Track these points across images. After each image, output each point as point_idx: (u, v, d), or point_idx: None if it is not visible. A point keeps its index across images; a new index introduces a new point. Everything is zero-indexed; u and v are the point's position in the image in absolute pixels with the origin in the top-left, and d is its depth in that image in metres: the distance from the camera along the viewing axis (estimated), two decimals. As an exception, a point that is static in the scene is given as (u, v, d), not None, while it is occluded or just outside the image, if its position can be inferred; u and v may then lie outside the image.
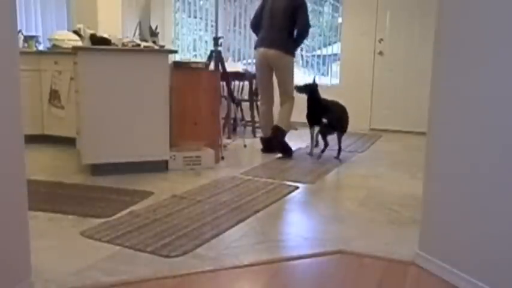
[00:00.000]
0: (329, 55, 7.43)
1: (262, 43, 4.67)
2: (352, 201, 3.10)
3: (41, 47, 5.25)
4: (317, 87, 4.64)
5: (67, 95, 4.66)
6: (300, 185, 3.45)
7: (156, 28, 5.31)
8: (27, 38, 5.06)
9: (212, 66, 4.74)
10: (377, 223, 2.67)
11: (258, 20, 4.78)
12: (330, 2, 7.31)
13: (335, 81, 7.17)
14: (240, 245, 2.27)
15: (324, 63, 7.54)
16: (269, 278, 1.94)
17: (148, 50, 3.68)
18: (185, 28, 7.84)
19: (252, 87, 6.10)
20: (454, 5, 1.89)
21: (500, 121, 1.69)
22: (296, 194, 3.24)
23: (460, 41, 1.86)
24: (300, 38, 4.67)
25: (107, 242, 2.26)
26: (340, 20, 7.07)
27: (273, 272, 2.00)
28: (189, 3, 7.65)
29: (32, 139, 4.59)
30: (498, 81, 1.69)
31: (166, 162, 3.81)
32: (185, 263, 2.05)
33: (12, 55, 1.58)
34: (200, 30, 7.87)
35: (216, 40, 4.76)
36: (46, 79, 4.81)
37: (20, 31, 5.06)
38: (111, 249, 2.18)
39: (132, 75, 3.57)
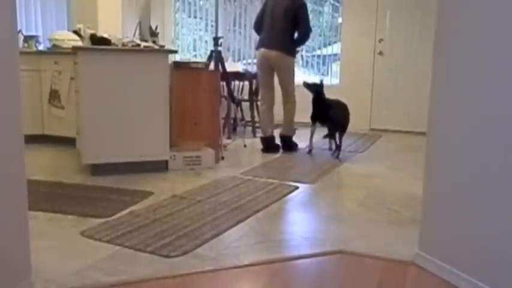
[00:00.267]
0: (329, 55, 7.43)
1: (263, 44, 4.74)
2: (352, 201, 3.10)
3: (41, 47, 5.25)
4: (323, 88, 4.77)
5: (67, 95, 4.66)
6: (300, 185, 3.45)
7: (156, 28, 5.31)
8: (27, 38, 5.06)
9: (212, 66, 4.74)
10: (377, 223, 2.66)
11: (260, 22, 4.86)
12: (330, 2, 7.31)
13: (335, 81, 7.17)
14: (240, 245, 2.27)
15: (324, 63, 7.53)
16: (269, 278, 1.94)
17: (148, 50, 3.68)
18: (185, 28, 7.84)
19: (252, 87, 6.10)
20: (454, 5, 1.89)
21: (500, 121, 1.69)
22: (296, 194, 3.24)
23: (460, 41, 1.86)
24: (301, 42, 4.80)
25: (107, 242, 2.25)
26: (340, 20, 7.07)
27: (273, 272, 2.00)
28: (189, 3, 7.65)
29: (32, 139, 4.59)
30: (498, 81, 1.69)
31: (166, 162, 3.81)
32: (185, 263, 2.05)
33: (12, 55, 1.58)
34: (200, 30, 7.87)
35: (216, 40, 4.76)
36: (46, 79, 4.81)
37: (20, 31, 5.06)
38: (111, 249, 2.18)
39: (132, 75, 3.57)
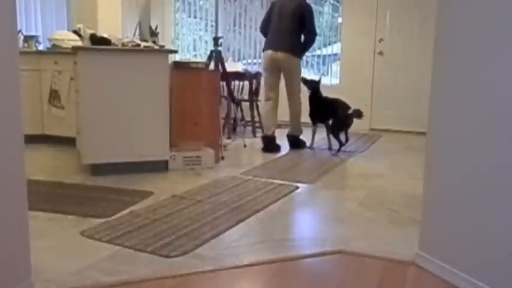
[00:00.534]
0: (329, 55, 7.43)
1: (270, 46, 4.83)
2: (352, 201, 3.09)
3: (41, 47, 5.24)
4: (318, 84, 4.93)
5: (67, 95, 4.65)
6: (300, 185, 3.45)
7: (156, 28, 5.31)
8: (27, 38, 5.06)
9: (212, 66, 4.74)
10: (377, 223, 2.66)
11: (267, 24, 4.95)
12: (330, 2, 7.31)
13: (335, 81, 7.17)
14: (240, 245, 2.27)
15: (324, 63, 7.53)
16: (269, 278, 1.94)
17: (148, 50, 3.68)
18: (185, 28, 7.83)
19: (252, 87, 6.09)
20: (454, 5, 1.89)
21: (500, 121, 1.69)
22: (296, 194, 3.24)
23: (460, 41, 1.86)
24: (307, 45, 4.92)
25: (107, 242, 2.25)
26: (340, 20, 7.07)
27: (273, 272, 2.00)
28: (189, 3, 7.65)
29: (32, 139, 4.58)
30: (498, 81, 1.69)
31: (166, 162, 3.81)
32: (185, 263, 2.05)
33: (12, 55, 1.58)
34: (200, 30, 7.87)
35: (216, 40, 4.76)
36: (46, 79, 4.81)
37: (20, 31, 5.05)
38: (111, 249, 2.18)
39: (132, 75, 3.57)
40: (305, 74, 5.37)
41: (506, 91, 1.66)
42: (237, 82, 6.34)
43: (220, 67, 4.76)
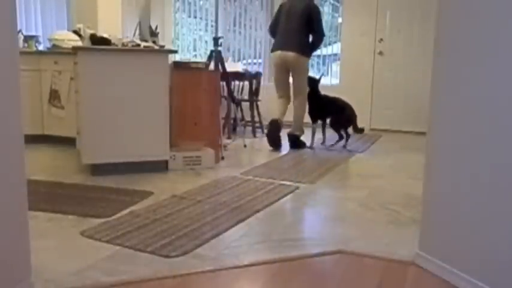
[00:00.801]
0: (329, 55, 7.43)
1: (279, 46, 4.94)
2: (352, 201, 3.09)
3: (41, 47, 5.25)
4: (317, 83, 5.04)
5: (67, 95, 4.66)
6: (300, 185, 3.45)
7: (156, 28, 5.31)
8: (27, 38, 5.06)
9: (212, 66, 4.75)
10: (377, 223, 2.66)
11: (275, 25, 5.06)
12: (330, 2, 7.31)
13: (335, 81, 7.17)
14: (240, 245, 2.27)
15: (324, 63, 7.54)
16: (269, 278, 1.94)
17: (148, 50, 3.68)
18: (185, 28, 7.84)
19: (252, 87, 6.10)
20: (454, 5, 1.89)
21: (500, 121, 1.69)
22: (296, 194, 3.24)
23: (460, 41, 1.86)
24: (315, 45, 5.02)
25: (107, 242, 2.25)
26: (340, 20, 7.07)
27: (273, 272, 2.00)
28: (189, 3, 7.65)
29: (32, 139, 4.59)
30: (498, 81, 1.69)
31: (166, 162, 3.81)
32: (185, 263, 2.05)
33: (12, 55, 1.58)
34: (200, 30, 7.87)
35: (216, 40, 4.77)
36: (46, 79, 4.81)
37: (20, 31, 5.06)
38: (111, 249, 2.18)
39: (132, 75, 3.57)
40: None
41: (506, 91, 1.66)
42: (237, 82, 6.35)
43: (220, 67, 4.77)
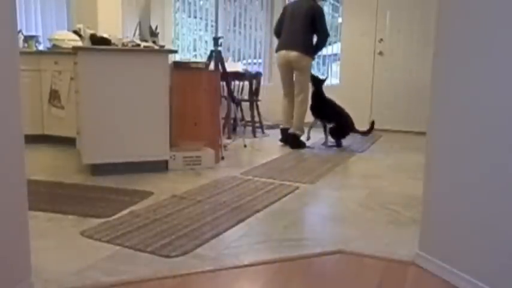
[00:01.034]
0: (329, 55, 7.43)
1: (283, 46, 5.05)
2: (352, 201, 3.09)
3: (41, 47, 5.25)
4: (322, 84, 5.17)
5: (67, 95, 4.66)
6: (300, 185, 3.45)
7: (156, 28, 5.31)
8: (27, 38, 5.06)
9: (212, 66, 4.75)
10: (377, 223, 2.66)
11: (280, 26, 5.15)
12: (330, 2, 7.31)
13: (335, 81, 7.17)
14: (240, 245, 2.27)
15: (324, 63, 7.53)
16: (269, 278, 1.94)
17: (148, 50, 3.68)
18: (185, 28, 7.83)
19: (252, 87, 6.10)
20: (454, 5, 1.89)
21: (500, 121, 1.69)
22: (296, 194, 3.24)
23: (460, 41, 1.86)
24: (319, 46, 5.09)
25: (107, 242, 2.25)
26: (340, 20, 7.07)
27: (273, 272, 2.00)
28: (189, 3, 7.65)
29: (32, 139, 4.59)
30: (498, 81, 1.69)
31: (166, 162, 3.81)
32: (185, 263, 2.05)
33: (12, 55, 1.58)
34: (200, 30, 7.87)
35: (216, 40, 4.76)
36: (46, 79, 4.81)
37: (20, 31, 5.06)
38: (111, 249, 2.18)
39: (132, 75, 3.57)
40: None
41: (506, 91, 1.66)
42: (237, 82, 6.35)
43: (220, 67, 4.76)
